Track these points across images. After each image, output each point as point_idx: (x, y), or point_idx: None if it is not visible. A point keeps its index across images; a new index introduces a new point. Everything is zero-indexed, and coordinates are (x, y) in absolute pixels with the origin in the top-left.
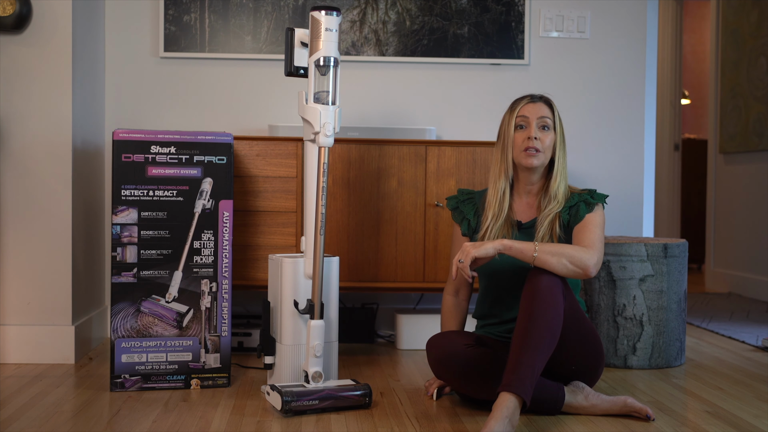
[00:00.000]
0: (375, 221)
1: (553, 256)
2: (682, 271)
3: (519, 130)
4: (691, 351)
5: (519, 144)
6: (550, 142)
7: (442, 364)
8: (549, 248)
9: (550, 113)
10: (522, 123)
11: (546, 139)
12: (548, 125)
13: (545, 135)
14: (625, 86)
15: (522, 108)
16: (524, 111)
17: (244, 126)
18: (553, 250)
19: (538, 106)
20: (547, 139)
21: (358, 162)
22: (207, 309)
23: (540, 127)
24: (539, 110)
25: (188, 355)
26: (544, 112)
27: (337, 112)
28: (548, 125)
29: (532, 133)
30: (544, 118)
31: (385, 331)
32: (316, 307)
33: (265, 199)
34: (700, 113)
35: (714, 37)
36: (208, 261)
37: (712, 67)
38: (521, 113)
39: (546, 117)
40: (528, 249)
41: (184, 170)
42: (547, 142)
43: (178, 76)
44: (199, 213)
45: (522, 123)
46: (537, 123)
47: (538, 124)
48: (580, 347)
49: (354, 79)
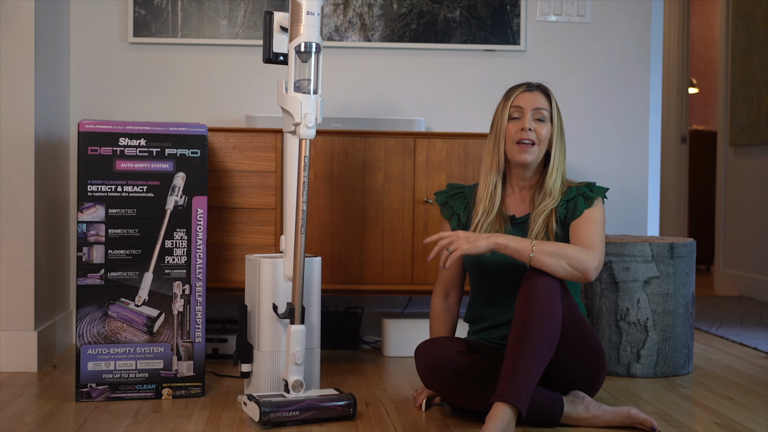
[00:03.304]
0: (360, 219)
1: (552, 257)
2: (690, 273)
3: (513, 121)
4: (700, 358)
5: (512, 135)
6: (546, 134)
7: (431, 372)
8: (547, 248)
9: (547, 104)
10: (516, 113)
11: (541, 131)
12: (544, 117)
13: (541, 127)
14: (628, 74)
15: (517, 97)
16: (519, 100)
17: (219, 117)
18: (552, 250)
19: (534, 95)
20: (543, 132)
21: (341, 155)
22: (179, 313)
23: (536, 118)
24: (535, 100)
25: (159, 363)
26: (540, 103)
27: (319, 102)
28: (544, 117)
29: (526, 124)
30: (540, 109)
31: (370, 337)
32: (296, 311)
33: (242, 195)
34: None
35: (724, 22)
36: (180, 261)
37: (721, 53)
38: (516, 103)
39: (542, 108)
40: (524, 249)
41: (154, 164)
42: (543, 134)
43: (149, 63)
44: (171, 210)
45: (516, 113)
46: (532, 114)
47: (534, 115)
48: (579, 354)
49: (337, 67)
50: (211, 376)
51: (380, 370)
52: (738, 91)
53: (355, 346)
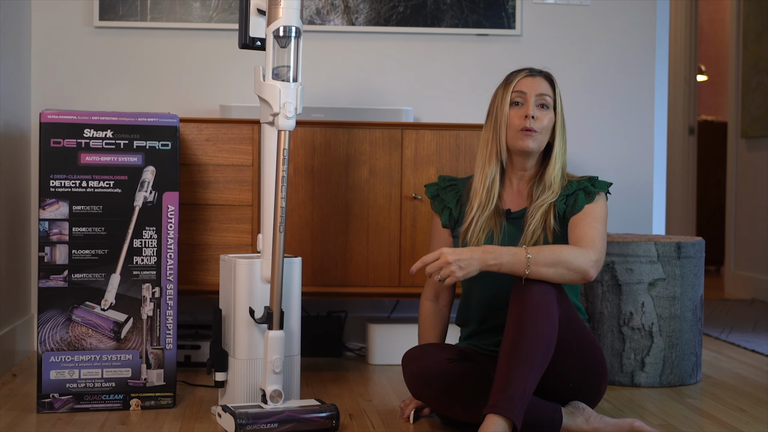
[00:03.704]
0: (343, 216)
1: (550, 267)
2: (698, 274)
3: (514, 108)
4: (709, 366)
5: (514, 123)
6: (548, 123)
7: (420, 381)
8: (543, 258)
9: (551, 90)
10: (518, 99)
11: (544, 119)
12: (548, 104)
13: (544, 114)
14: (632, 61)
15: (519, 82)
16: (521, 86)
17: (191, 107)
18: (548, 259)
19: (537, 81)
20: (546, 120)
21: (323, 148)
22: (149, 318)
23: (539, 105)
24: (539, 86)
25: (127, 371)
26: (543, 89)
27: (300, 90)
28: (548, 104)
29: (529, 111)
30: (544, 96)
31: (354, 343)
32: (275, 315)
33: (217, 191)
34: (718, 91)
35: (735, 5)
36: (150, 262)
37: (732, 38)
38: (518, 88)
39: (546, 94)
40: (519, 264)
41: (122, 157)
42: (545, 122)
43: (116, 48)
44: (140, 207)
45: (518, 99)
46: (535, 100)
47: (537, 101)
48: (579, 362)
49: (319, 53)
50: (183, 386)
51: (365, 379)
52: (750, 79)
53: (338, 354)
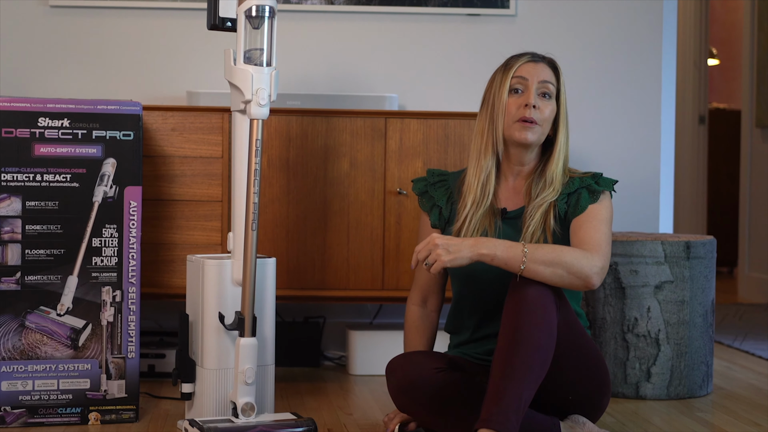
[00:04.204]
0: (321, 213)
1: (547, 266)
2: (709, 277)
3: (514, 95)
4: (721, 377)
5: (512, 112)
6: (550, 114)
7: (405, 393)
8: (541, 255)
9: (555, 78)
10: (518, 86)
11: (546, 109)
12: (550, 92)
13: (546, 104)
14: (636, 43)
15: (520, 67)
16: (523, 71)
17: (156, 93)
18: (547, 257)
19: (540, 67)
20: (547, 110)
21: (299, 138)
22: (109, 324)
23: (540, 93)
24: (541, 72)
25: (86, 382)
26: (546, 76)
27: (274, 76)
28: (550, 92)
29: (530, 99)
30: (547, 83)
31: (334, 351)
32: (246, 321)
33: (183, 186)
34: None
35: None
36: (110, 263)
37: (746, 19)
38: (519, 73)
39: (549, 82)
40: (514, 258)
41: (80, 148)
42: (547, 113)
43: (73, 30)
44: (100, 203)
45: (518, 86)
46: (537, 88)
47: (539, 89)
48: (579, 372)
49: (295, 34)
50: (146, 398)
51: (345, 390)
52: (766, 63)
53: (316, 363)
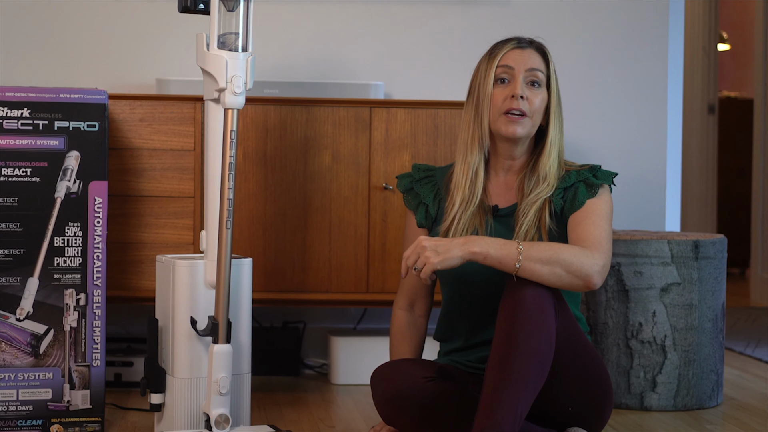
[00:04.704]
0: (301, 210)
1: (544, 264)
2: (720, 278)
3: (499, 85)
4: (732, 387)
5: (498, 104)
6: (540, 103)
7: (392, 404)
8: (537, 253)
9: (544, 65)
10: (504, 75)
11: (535, 99)
12: (540, 80)
13: (535, 94)
14: (641, 28)
15: (505, 55)
16: (508, 59)
17: (123, 81)
18: (544, 255)
19: (527, 53)
20: (537, 100)
21: (278, 129)
22: (73, 329)
23: (529, 82)
24: (529, 59)
25: (47, 393)
26: (534, 63)
27: (250, 62)
28: (540, 80)
29: (517, 90)
30: (535, 71)
31: (314, 359)
32: (221, 326)
33: (152, 180)
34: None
35: None
36: (74, 264)
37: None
38: (504, 62)
39: (537, 69)
40: (509, 256)
41: (41, 140)
42: (537, 103)
43: (33, 13)
44: (62, 199)
45: (504, 75)
46: (525, 77)
47: (527, 78)
48: (579, 381)
49: (273, 17)
50: (112, 409)
51: (327, 401)
52: None
53: (296, 372)
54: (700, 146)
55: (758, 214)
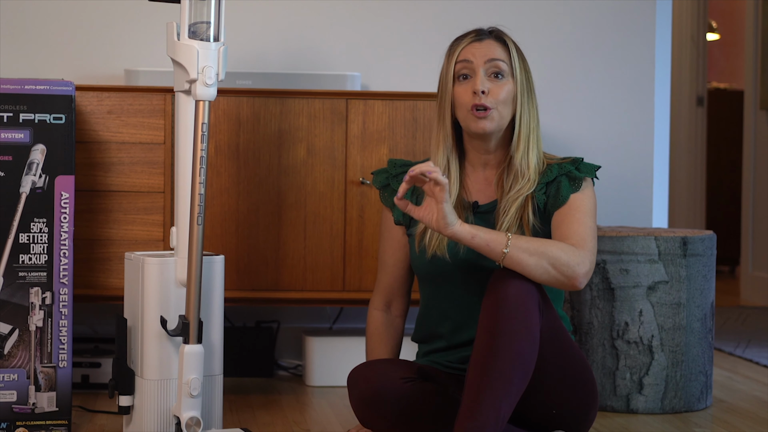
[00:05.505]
0: (275, 206)
1: (531, 255)
2: (709, 276)
3: (461, 82)
4: (721, 388)
5: (463, 101)
6: (506, 95)
7: (369, 406)
8: (526, 243)
9: (505, 53)
10: (465, 71)
11: (499, 91)
12: (502, 71)
13: (499, 85)
14: (628, 16)
15: (464, 50)
16: (467, 53)
17: (90, 71)
18: (532, 247)
19: (485, 45)
20: (502, 92)
21: (251, 122)
22: (38, 329)
23: (490, 74)
24: (488, 50)
25: (12, 395)
26: (494, 53)
27: (222, 52)
28: (502, 71)
29: (477, 85)
30: (496, 61)
31: (289, 360)
32: (191, 326)
33: (121, 175)
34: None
35: None
36: (39, 261)
37: None
38: (462, 57)
39: (498, 59)
40: (497, 242)
41: (5, 133)
42: (502, 95)
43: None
44: (28, 194)
45: (465, 71)
46: (485, 69)
47: (488, 70)
48: (563, 383)
49: (246, 6)
50: (79, 412)
51: (302, 403)
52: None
53: (269, 373)
54: (689, 139)
55: (748, 210)
